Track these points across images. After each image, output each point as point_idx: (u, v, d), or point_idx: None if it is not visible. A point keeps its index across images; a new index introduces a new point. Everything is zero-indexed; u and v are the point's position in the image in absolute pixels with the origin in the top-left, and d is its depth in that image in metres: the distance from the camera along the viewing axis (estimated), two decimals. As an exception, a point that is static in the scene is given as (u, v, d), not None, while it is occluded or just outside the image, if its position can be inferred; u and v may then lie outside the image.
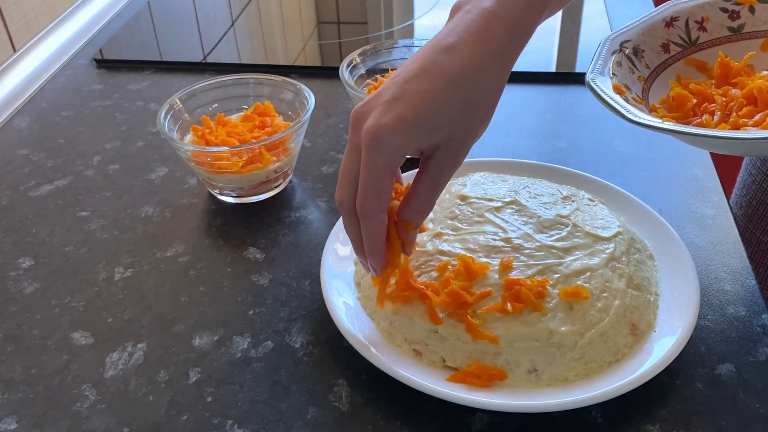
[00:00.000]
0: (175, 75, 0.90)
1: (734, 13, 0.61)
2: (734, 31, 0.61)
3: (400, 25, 1.01)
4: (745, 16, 0.60)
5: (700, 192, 0.66)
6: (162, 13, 1.05)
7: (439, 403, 0.48)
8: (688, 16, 0.61)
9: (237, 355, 0.53)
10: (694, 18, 0.61)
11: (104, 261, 0.62)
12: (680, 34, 0.61)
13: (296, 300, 0.57)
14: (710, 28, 0.61)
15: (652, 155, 0.71)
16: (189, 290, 0.58)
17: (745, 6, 0.60)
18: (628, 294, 0.51)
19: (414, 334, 0.50)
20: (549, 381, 0.48)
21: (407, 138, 0.43)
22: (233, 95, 0.72)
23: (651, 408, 0.47)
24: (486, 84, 0.44)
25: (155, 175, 0.72)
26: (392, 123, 0.42)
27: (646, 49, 0.59)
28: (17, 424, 0.48)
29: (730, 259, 0.59)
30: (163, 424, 0.48)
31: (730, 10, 0.61)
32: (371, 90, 0.72)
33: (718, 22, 0.61)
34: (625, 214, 0.60)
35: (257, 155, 0.63)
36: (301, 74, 0.88)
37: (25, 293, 0.59)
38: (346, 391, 0.50)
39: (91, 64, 0.93)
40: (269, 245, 0.63)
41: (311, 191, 0.69)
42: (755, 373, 0.49)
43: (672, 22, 0.60)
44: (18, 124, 0.81)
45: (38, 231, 0.65)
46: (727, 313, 0.54)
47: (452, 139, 0.44)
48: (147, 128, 0.79)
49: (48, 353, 0.53)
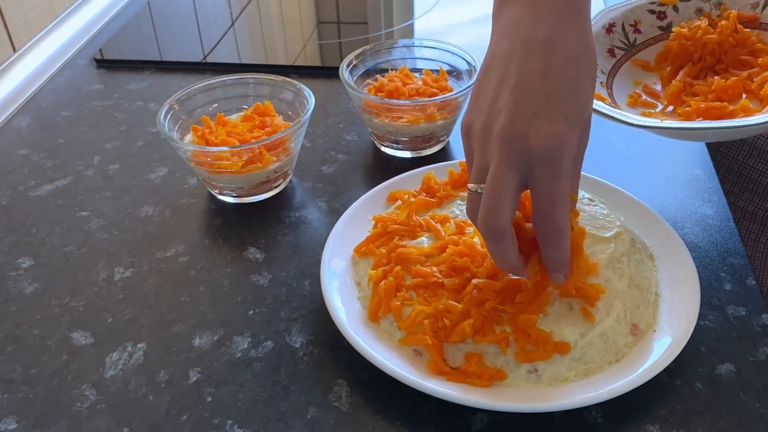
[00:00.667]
0: (175, 75, 0.90)
1: (661, 14, 0.66)
2: (664, 30, 0.67)
3: (400, 25, 1.01)
4: (671, 15, 0.66)
5: (700, 192, 0.66)
6: (162, 13, 1.05)
7: (439, 403, 0.48)
8: (623, 21, 0.66)
9: (237, 355, 0.53)
10: (628, 22, 0.66)
11: (104, 261, 0.62)
12: (620, 38, 0.66)
13: (296, 300, 0.57)
14: (644, 30, 0.67)
15: (652, 155, 0.71)
16: (189, 290, 0.58)
17: (669, 5, 0.66)
18: (628, 294, 0.51)
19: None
20: (549, 381, 0.48)
21: (579, 132, 0.43)
22: (233, 95, 0.72)
23: (651, 408, 0.47)
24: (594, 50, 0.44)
25: (155, 175, 0.72)
26: (564, 126, 0.41)
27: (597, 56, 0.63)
28: (17, 424, 0.48)
29: (730, 259, 0.59)
30: (163, 424, 0.48)
31: (657, 11, 0.67)
32: (371, 90, 0.72)
33: (648, 23, 0.67)
34: (625, 214, 0.60)
35: (257, 155, 0.63)
36: (301, 74, 0.88)
37: (25, 293, 0.59)
38: (346, 391, 0.50)
39: (91, 64, 0.93)
40: (269, 245, 0.63)
41: (311, 191, 0.69)
42: (755, 373, 0.49)
43: (611, 28, 0.65)
44: (18, 124, 0.81)
45: (38, 231, 0.65)
46: (727, 313, 0.54)
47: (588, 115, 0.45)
48: (147, 128, 0.79)
49: (48, 353, 0.53)
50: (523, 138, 0.42)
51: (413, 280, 0.52)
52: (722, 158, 0.80)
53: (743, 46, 0.64)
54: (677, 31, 0.65)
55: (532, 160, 0.42)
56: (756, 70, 0.62)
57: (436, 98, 0.68)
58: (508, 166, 0.42)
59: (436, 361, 0.48)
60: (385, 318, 0.52)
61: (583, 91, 0.43)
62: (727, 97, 0.60)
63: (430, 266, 0.53)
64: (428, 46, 0.77)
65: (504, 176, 0.42)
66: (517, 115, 0.42)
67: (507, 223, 0.43)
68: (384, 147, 0.74)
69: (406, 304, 0.51)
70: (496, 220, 0.43)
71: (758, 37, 0.64)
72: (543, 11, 0.44)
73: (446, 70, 0.75)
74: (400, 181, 0.64)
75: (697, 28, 0.65)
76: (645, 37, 0.67)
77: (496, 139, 0.42)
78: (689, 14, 0.66)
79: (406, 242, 0.56)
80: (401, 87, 0.71)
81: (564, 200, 0.43)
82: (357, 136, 0.77)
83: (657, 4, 0.67)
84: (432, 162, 0.67)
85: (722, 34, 0.63)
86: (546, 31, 0.43)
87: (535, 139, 0.41)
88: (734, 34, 0.63)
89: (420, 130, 0.70)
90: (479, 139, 0.44)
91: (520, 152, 0.42)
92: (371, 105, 0.69)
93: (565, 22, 0.43)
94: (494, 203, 0.43)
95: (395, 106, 0.68)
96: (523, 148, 0.42)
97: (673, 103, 0.63)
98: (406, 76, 0.73)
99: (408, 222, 0.58)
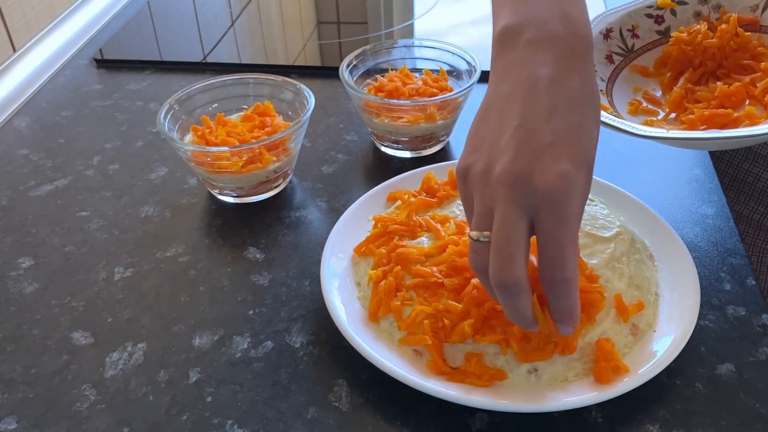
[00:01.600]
0: (175, 75, 0.90)
1: (659, 18, 0.65)
2: (662, 34, 0.65)
3: (400, 25, 1.01)
4: (669, 19, 0.65)
5: (700, 192, 0.66)
6: (162, 13, 1.05)
7: (439, 403, 0.48)
8: (620, 26, 0.65)
9: (237, 355, 0.53)
10: (626, 27, 0.65)
11: (104, 261, 0.62)
12: (618, 44, 0.65)
13: (296, 300, 0.57)
14: (642, 34, 0.65)
15: (652, 155, 0.71)
16: (189, 290, 0.58)
17: (667, 9, 0.65)
18: (628, 294, 0.51)
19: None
20: (549, 381, 0.48)
21: (587, 178, 0.41)
22: (233, 95, 0.72)
23: (651, 408, 0.48)
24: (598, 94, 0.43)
25: (155, 175, 0.72)
26: (572, 167, 0.39)
27: (596, 63, 0.62)
28: (17, 424, 0.48)
29: (730, 259, 0.59)
30: (163, 424, 0.48)
31: (655, 15, 0.65)
32: (371, 90, 0.72)
33: (646, 27, 0.65)
34: (625, 214, 0.60)
35: (257, 155, 0.63)
36: (301, 74, 0.88)
37: (25, 293, 0.59)
38: (346, 391, 0.50)
39: (91, 64, 0.93)
40: (269, 245, 0.63)
41: (311, 191, 0.69)
42: (755, 373, 0.49)
43: (608, 34, 0.64)
44: (18, 124, 0.81)
45: (38, 231, 0.65)
46: (727, 313, 0.54)
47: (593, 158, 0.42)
48: (147, 128, 0.79)
49: (48, 353, 0.53)
50: (528, 179, 0.39)
51: (413, 280, 0.52)
52: (720, 163, 0.80)
53: (744, 50, 0.63)
54: (676, 36, 0.64)
55: (539, 202, 0.39)
56: (758, 75, 0.61)
57: (436, 98, 0.68)
58: (516, 209, 0.40)
59: (436, 361, 0.48)
60: (385, 318, 0.52)
61: (588, 133, 0.41)
62: (731, 104, 0.59)
63: (430, 266, 0.53)
64: (428, 46, 0.77)
65: (513, 221, 0.40)
66: (521, 155, 0.40)
67: (523, 274, 0.40)
68: (384, 147, 0.74)
69: (406, 304, 0.51)
70: (511, 273, 0.40)
71: (759, 41, 0.63)
72: (546, 55, 0.42)
73: (446, 70, 0.75)
74: (400, 181, 0.64)
75: (696, 33, 0.64)
76: (643, 42, 0.66)
77: (499, 181, 0.40)
78: (687, 18, 0.65)
79: (406, 242, 0.56)
80: (401, 87, 0.71)
81: (572, 246, 0.40)
82: (357, 136, 0.77)
83: (654, 7, 0.66)
84: (432, 162, 0.67)
85: (722, 38, 0.62)
86: (550, 73, 0.42)
87: (541, 179, 0.39)
88: (735, 38, 0.63)
89: (420, 130, 0.70)
90: (480, 182, 0.42)
91: (526, 194, 0.39)
92: (371, 105, 0.69)
93: (569, 65, 0.42)
94: (507, 254, 0.40)
95: (395, 106, 0.68)
96: (529, 189, 0.39)
97: (676, 110, 0.62)
98: (406, 76, 0.73)
99: (408, 222, 0.58)
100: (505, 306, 0.43)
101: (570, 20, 0.43)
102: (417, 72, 0.75)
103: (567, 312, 0.43)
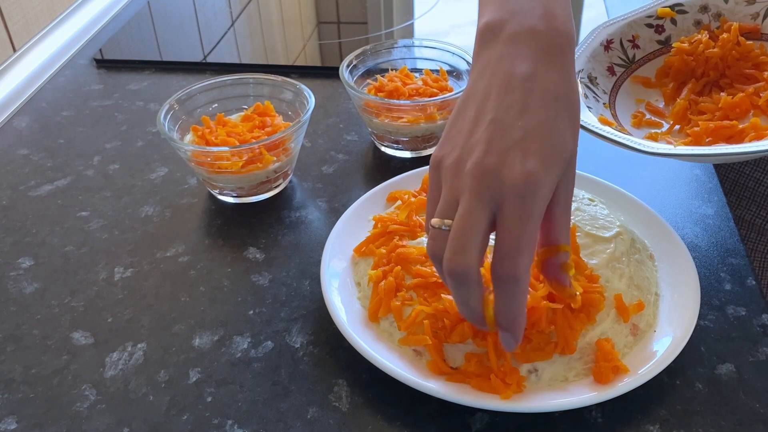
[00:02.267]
0: (175, 75, 0.90)
1: (659, 27, 0.65)
2: (663, 44, 0.65)
3: (400, 25, 1.01)
4: (669, 29, 0.65)
5: (700, 192, 0.66)
6: (162, 13, 1.05)
7: (439, 403, 0.48)
8: (621, 36, 0.64)
9: (237, 355, 0.53)
10: (626, 38, 0.65)
11: (104, 261, 0.62)
12: (619, 54, 0.64)
13: (296, 300, 0.57)
14: (642, 45, 0.65)
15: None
16: (189, 290, 0.58)
17: (667, 18, 0.65)
18: (628, 294, 0.51)
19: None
20: (549, 381, 0.48)
21: (556, 175, 0.41)
22: (233, 95, 0.72)
23: (651, 408, 0.48)
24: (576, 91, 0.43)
25: (155, 175, 0.72)
26: (539, 165, 0.40)
27: (597, 76, 0.63)
28: (17, 424, 0.48)
29: (730, 259, 0.59)
30: (163, 424, 0.48)
31: (655, 25, 0.65)
32: (371, 90, 0.72)
33: (647, 37, 0.65)
34: (625, 214, 0.60)
35: (257, 155, 0.63)
36: (301, 74, 0.88)
37: (25, 293, 0.59)
38: (346, 391, 0.50)
39: (91, 64, 0.93)
40: (269, 245, 0.63)
41: (311, 191, 0.69)
42: (755, 373, 0.49)
43: (609, 45, 0.64)
44: (18, 124, 0.81)
45: (38, 231, 0.65)
46: (727, 313, 0.54)
47: (573, 157, 0.42)
48: (147, 128, 0.79)
49: (48, 353, 0.53)
50: (496, 172, 0.40)
51: (413, 280, 0.52)
52: (719, 167, 0.80)
53: (747, 59, 0.62)
54: (678, 46, 0.64)
55: (504, 196, 0.40)
56: (762, 85, 0.60)
57: (436, 98, 0.68)
58: (480, 201, 0.40)
59: (436, 361, 0.48)
60: (385, 318, 0.52)
61: (561, 131, 0.41)
62: (735, 115, 0.59)
63: (430, 266, 0.53)
64: (428, 46, 0.77)
65: (475, 212, 0.40)
66: (491, 150, 0.40)
67: (474, 264, 0.40)
68: (384, 147, 0.74)
69: (406, 304, 0.51)
70: (463, 261, 0.40)
71: (761, 50, 0.62)
72: (526, 50, 0.43)
73: (446, 70, 0.75)
74: (400, 181, 0.64)
75: (698, 43, 0.63)
76: (644, 52, 0.65)
77: (468, 173, 0.41)
78: (688, 27, 0.65)
79: (406, 242, 0.56)
80: (401, 87, 0.71)
81: (528, 246, 0.40)
82: (357, 136, 0.77)
83: (654, 17, 0.65)
84: (432, 162, 0.67)
85: (724, 47, 0.62)
86: (527, 69, 0.42)
87: (508, 173, 0.40)
88: (737, 47, 0.62)
89: (420, 130, 0.70)
90: (450, 174, 0.42)
91: (492, 187, 0.40)
92: (371, 105, 0.69)
93: (548, 61, 0.42)
94: (462, 242, 0.40)
95: (395, 106, 0.68)
96: (495, 183, 0.40)
97: (680, 122, 0.62)
98: (406, 76, 0.74)
99: (408, 222, 0.58)
100: (455, 297, 0.43)
101: (551, 16, 0.43)
102: (417, 72, 0.75)
103: (510, 318, 0.42)
